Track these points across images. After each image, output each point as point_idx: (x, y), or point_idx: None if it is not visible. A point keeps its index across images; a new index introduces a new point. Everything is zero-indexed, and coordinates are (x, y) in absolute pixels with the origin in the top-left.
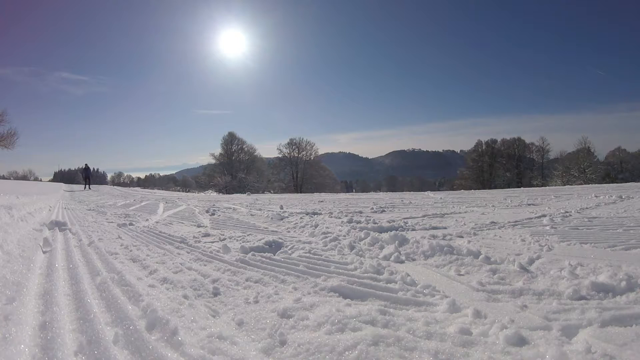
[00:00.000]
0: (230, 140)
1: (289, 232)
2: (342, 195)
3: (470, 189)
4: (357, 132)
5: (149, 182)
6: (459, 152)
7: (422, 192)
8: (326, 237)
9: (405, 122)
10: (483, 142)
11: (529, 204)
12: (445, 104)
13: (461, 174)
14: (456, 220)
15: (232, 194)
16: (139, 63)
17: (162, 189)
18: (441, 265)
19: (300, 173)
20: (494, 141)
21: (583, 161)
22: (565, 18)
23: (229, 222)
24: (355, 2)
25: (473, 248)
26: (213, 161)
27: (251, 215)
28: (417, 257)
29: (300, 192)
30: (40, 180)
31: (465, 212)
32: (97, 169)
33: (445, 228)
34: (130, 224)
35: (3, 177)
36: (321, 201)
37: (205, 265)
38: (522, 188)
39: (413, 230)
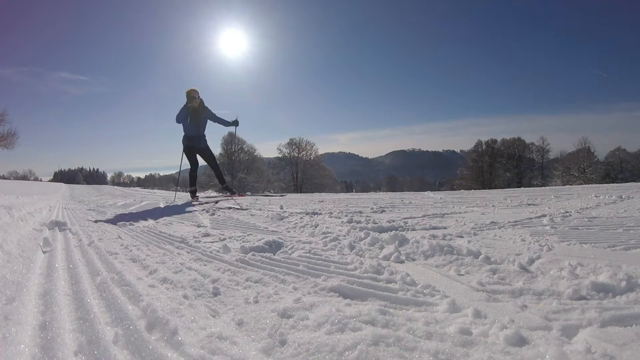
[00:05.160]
0: (230, 140)
1: (289, 232)
2: (342, 195)
3: (470, 189)
4: (357, 132)
5: (149, 182)
6: (459, 152)
7: (422, 192)
8: (326, 237)
9: (405, 122)
10: (483, 142)
11: (529, 204)
12: (445, 104)
13: (461, 174)
14: (456, 220)
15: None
16: (139, 63)
17: (162, 189)
18: (441, 265)
19: (300, 173)
20: (494, 141)
21: (583, 161)
22: (565, 18)
23: (229, 222)
24: (355, 2)
25: (473, 248)
26: None
27: (251, 215)
28: (417, 257)
29: (301, 192)
30: (40, 180)
31: (465, 212)
32: (97, 169)
33: (445, 228)
34: (130, 224)
35: (3, 177)
36: (321, 201)
37: (205, 265)
38: (522, 188)
39: (413, 230)
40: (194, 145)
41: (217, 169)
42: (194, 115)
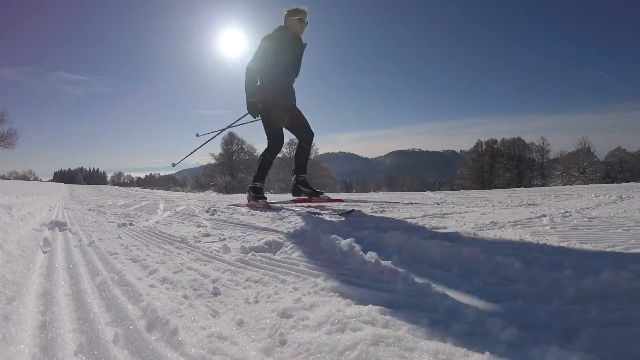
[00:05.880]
0: (230, 140)
1: (289, 231)
2: (342, 195)
3: (470, 189)
4: (357, 132)
5: (149, 182)
6: (459, 152)
7: (422, 192)
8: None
9: (405, 122)
10: (483, 142)
11: (529, 204)
12: (445, 104)
13: (461, 174)
14: (456, 220)
15: (232, 194)
16: (139, 63)
17: (162, 189)
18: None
19: None
20: (494, 141)
21: (583, 161)
22: (565, 18)
23: (229, 222)
24: (354, 2)
25: None
26: (213, 161)
27: (251, 215)
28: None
29: None
30: (40, 180)
31: (465, 212)
32: (97, 169)
33: (445, 228)
34: (130, 224)
35: (3, 177)
36: None
37: (205, 265)
38: (522, 188)
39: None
40: (289, 101)
41: (309, 144)
42: (294, 49)
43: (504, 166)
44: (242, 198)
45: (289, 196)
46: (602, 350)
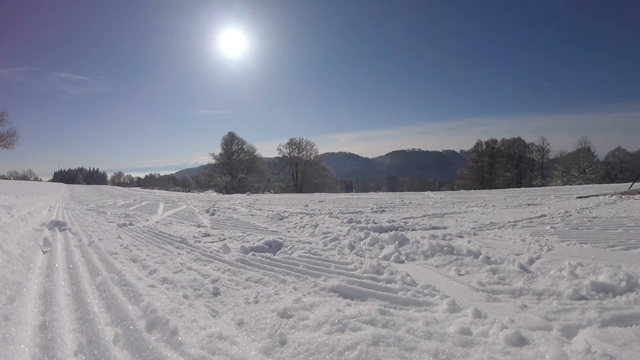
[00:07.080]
0: (230, 140)
1: (289, 232)
2: (342, 195)
3: (470, 189)
4: (357, 132)
5: (149, 182)
6: (459, 152)
7: (422, 192)
8: (326, 237)
9: (405, 122)
10: (483, 142)
11: (529, 204)
12: (445, 104)
13: (461, 174)
14: (456, 220)
15: (232, 194)
16: (139, 63)
17: (162, 189)
18: (441, 265)
19: (300, 173)
20: (494, 141)
21: (583, 161)
22: (565, 18)
23: (229, 222)
24: (354, 2)
25: (473, 248)
26: (213, 161)
27: (251, 215)
28: (417, 257)
29: (301, 192)
30: (40, 180)
31: (465, 212)
32: (97, 169)
33: (445, 228)
34: (130, 224)
35: (3, 177)
36: (321, 201)
37: (205, 265)
38: (522, 188)
39: (413, 230)
40: None
41: None
42: None
43: (504, 166)
44: (243, 198)
45: (287, 195)
46: (602, 350)
